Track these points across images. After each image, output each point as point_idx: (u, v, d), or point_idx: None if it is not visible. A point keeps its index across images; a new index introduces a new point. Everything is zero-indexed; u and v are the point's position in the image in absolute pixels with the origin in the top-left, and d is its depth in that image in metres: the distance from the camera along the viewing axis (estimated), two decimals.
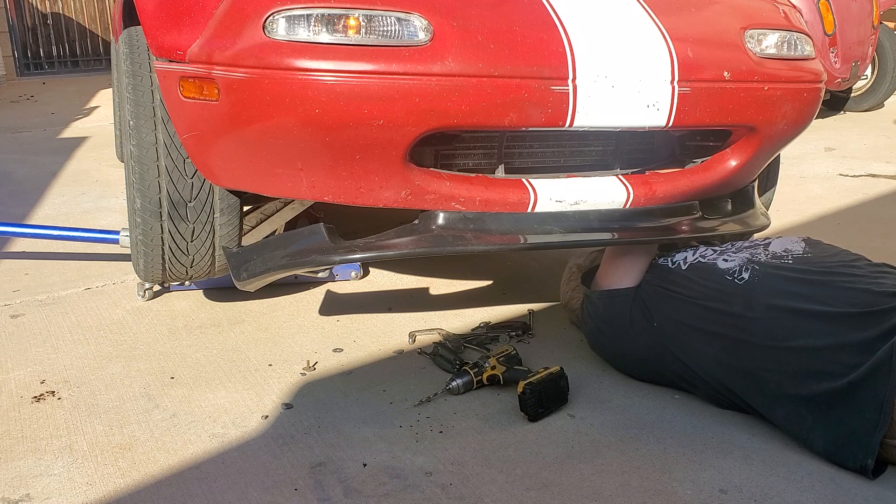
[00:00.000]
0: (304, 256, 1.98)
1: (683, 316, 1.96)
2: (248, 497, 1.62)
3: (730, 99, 2.01)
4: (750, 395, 1.85)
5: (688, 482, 1.66)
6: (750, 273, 1.94)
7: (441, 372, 2.12)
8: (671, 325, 1.98)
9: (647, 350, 2.01)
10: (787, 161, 4.57)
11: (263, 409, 1.95)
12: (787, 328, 1.82)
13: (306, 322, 2.47)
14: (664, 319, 1.99)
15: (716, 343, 1.90)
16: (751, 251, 2.04)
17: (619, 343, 2.08)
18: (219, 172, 1.99)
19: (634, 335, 2.03)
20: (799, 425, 1.77)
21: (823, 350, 1.76)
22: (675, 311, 1.98)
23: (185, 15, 1.91)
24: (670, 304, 2.00)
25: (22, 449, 1.79)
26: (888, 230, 3.36)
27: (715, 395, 1.93)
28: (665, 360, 1.98)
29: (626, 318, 2.05)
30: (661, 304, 2.01)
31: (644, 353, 2.02)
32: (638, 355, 2.04)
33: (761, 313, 1.85)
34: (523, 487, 1.65)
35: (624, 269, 2.12)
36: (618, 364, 2.12)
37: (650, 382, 2.05)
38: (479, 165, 2.07)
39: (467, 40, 1.78)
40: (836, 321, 1.78)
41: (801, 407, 1.76)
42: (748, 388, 1.85)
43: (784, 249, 2.04)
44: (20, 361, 2.21)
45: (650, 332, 2.00)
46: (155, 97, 2.06)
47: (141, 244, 2.14)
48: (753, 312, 1.86)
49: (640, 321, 2.03)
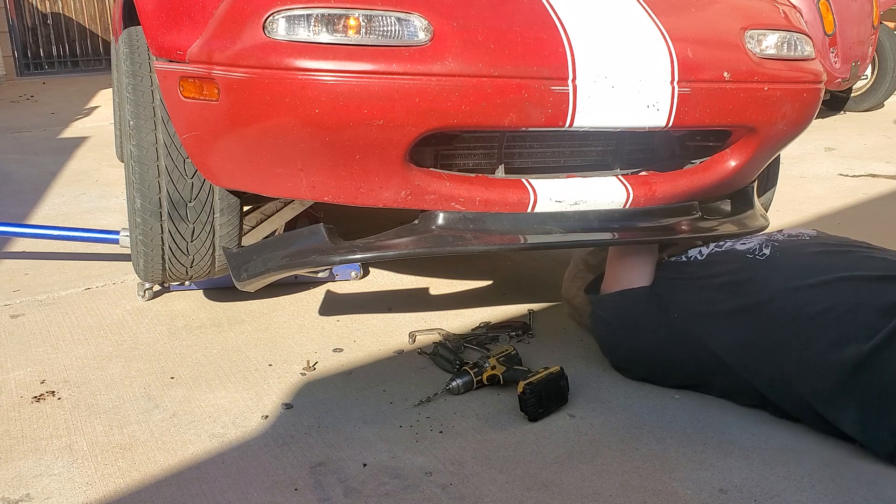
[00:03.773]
0: (304, 256, 1.98)
1: (705, 301, 1.97)
2: (248, 497, 1.62)
3: (730, 99, 2.01)
4: (773, 375, 1.84)
5: (688, 482, 1.66)
6: (771, 249, 2.00)
7: (441, 372, 2.12)
8: (692, 312, 1.97)
9: (667, 343, 1.98)
10: (787, 161, 4.57)
11: (263, 409, 1.95)
12: (810, 295, 1.85)
13: (306, 322, 2.47)
14: (684, 308, 1.99)
15: (739, 320, 1.90)
16: (766, 234, 2.10)
17: (636, 342, 2.05)
18: (219, 172, 1.99)
19: (654, 330, 2.01)
20: (826, 400, 1.76)
21: (847, 314, 1.78)
22: (695, 298, 1.99)
23: (185, 15, 1.91)
24: (689, 291, 2.01)
25: (22, 449, 1.79)
26: (888, 230, 3.36)
27: (733, 384, 1.91)
28: (684, 352, 1.96)
29: (643, 315, 2.03)
30: (680, 294, 2.01)
31: (662, 349, 1.99)
32: (655, 353, 2.01)
33: (784, 284, 1.89)
34: (523, 487, 1.65)
35: (634, 269, 2.12)
36: (632, 367, 2.08)
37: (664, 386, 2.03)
38: (479, 165, 2.07)
39: (467, 40, 1.78)
40: (859, 284, 1.82)
41: (828, 379, 1.76)
42: (772, 366, 1.84)
43: (798, 232, 2.12)
44: (20, 361, 2.21)
45: (669, 324, 1.99)
46: (155, 97, 2.06)
47: (141, 244, 2.14)
48: (777, 284, 1.90)
49: (658, 315, 2.02)
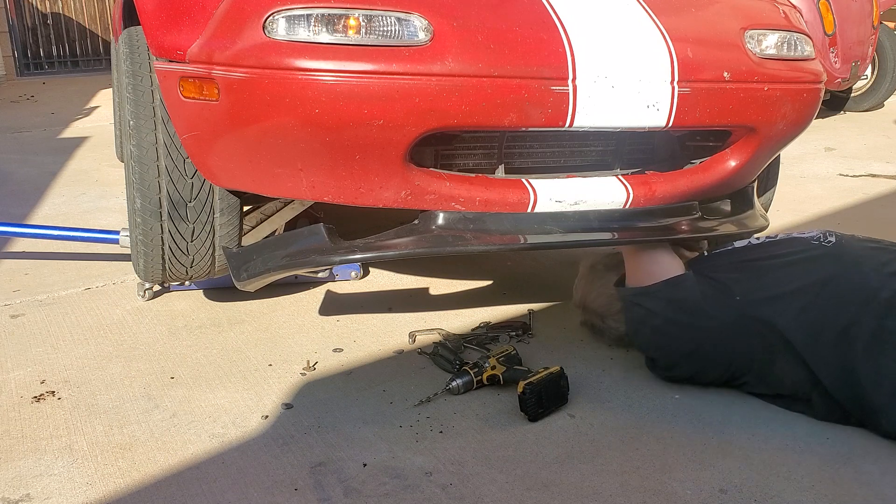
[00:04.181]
0: (304, 256, 1.98)
1: (770, 281, 1.99)
2: (248, 497, 1.62)
3: (730, 99, 2.01)
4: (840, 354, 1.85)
5: (688, 482, 1.66)
6: (836, 237, 2.08)
7: (441, 372, 2.12)
8: (756, 292, 1.98)
9: (730, 327, 1.96)
10: (787, 161, 4.57)
11: (263, 409, 1.95)
12: (879, 281, 1.92)
13: (306, 322, 2.47)
14: (747, 289, 1.99)
15: (808, 301, 1.92)
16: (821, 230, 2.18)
17: (696, 329, 1.99)
18: (219, 172, 1.99)
19: (714, 313, 1.98)
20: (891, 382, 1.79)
21: None
22: (759, 279, 2.01)
23: (185, 15, 1.91)
24: (752, 273, 2.04)
25: (22, 449, 1.79)
26: (888, 230, 3.35)
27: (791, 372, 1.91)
28: (747, 337, 1.95)
29: (699, 298, 2.01)
30: (741, 276, 2.03)
31: (723, 335, 1.97)
32: (714, 340, 1.97)
33: (853, 268, 1.96)
34: (523, 487, 1.65)
35: (664, 259, 2.13)
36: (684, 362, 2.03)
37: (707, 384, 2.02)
38: (479, 165, 2.07)
39: (467, 40, 1.78)
40: None
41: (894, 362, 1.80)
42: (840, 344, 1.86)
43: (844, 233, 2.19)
44: (20, 361, 2.21)
45: (732, 307, 1.98)
46: (155, 97, 2.06)
47: (141, 244, 2.14)
48: (846, 268, 1.96)
49: (717, 297, 2.00)
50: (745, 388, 2.00)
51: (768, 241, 2.19)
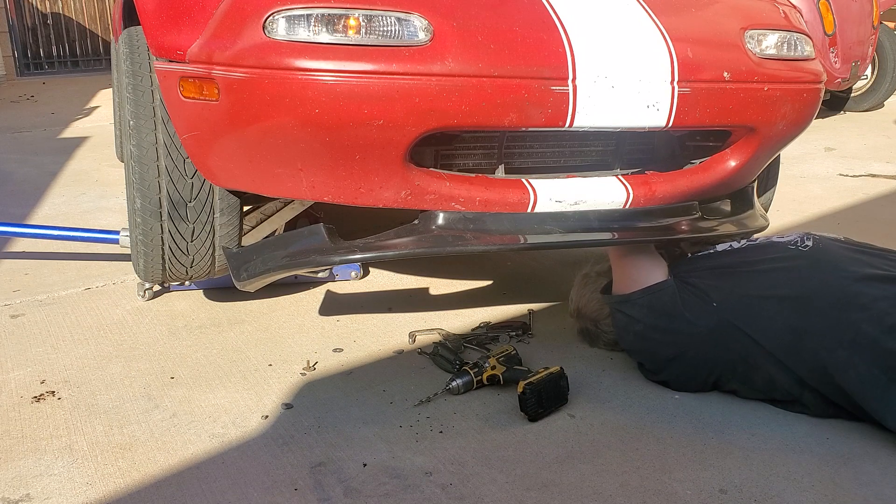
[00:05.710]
0: (304, 256, 1.98)
1: (747, 288, 1.98)
2: (248, 497, 1.62)
3: (729, 99, 2.01)
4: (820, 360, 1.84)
5: (688, 482, 1.66)
6: (813, 241, 2.05)
7: (441, 372, 2.12)
8: (734, 299, 1.97)
9: (709, 333, 1.96)
10: (787, 161, 4.57)
11: (263, 409, 1.95)
12: (857, 286, 1.90)
13: (306, 322, 2.47)
14: (725, 296, 1.98)
15: (786, 307, 1.91)
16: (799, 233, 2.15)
17: (677, 333, 2.01)
18: (219, 172, 1.99)
19: (693, 319, 1.99)
20: (873, 389, 1.78)
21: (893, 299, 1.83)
22: (736, 286, 1.99)
23: (185, 15, 1.91)
24: (729, 279, 2.02)
25: (22, 449, 1.79)
26: (888, 230, 3.36)
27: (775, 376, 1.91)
28: (726, 343, 1.95)
29: (679, 307, 2.01)
30: (719, 283, 2.02)
31: (702, 341, 1.97)
32: (695, 346, 1.98)
33: (831, 274, 1.93)
34: (523, 487, 1.65)
35: (647, 265, 2.12)
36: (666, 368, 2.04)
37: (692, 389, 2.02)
38: (479, 165, 2.07)
39: (467, 40, 1.78)
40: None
41: (875, 367, 1.78)
42: (819, 350, 1.85)
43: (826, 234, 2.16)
44: (20, 361, 2.21)
45: (711, 313, 1.97)
46: (155, 97, 2.06)
47: (141, 244, 2.14)
48: (823, 274, 1.93)
49: (696, 304, 2.00)
50: (738, 394, 1.99)
51: (748, 245, 2.17)
